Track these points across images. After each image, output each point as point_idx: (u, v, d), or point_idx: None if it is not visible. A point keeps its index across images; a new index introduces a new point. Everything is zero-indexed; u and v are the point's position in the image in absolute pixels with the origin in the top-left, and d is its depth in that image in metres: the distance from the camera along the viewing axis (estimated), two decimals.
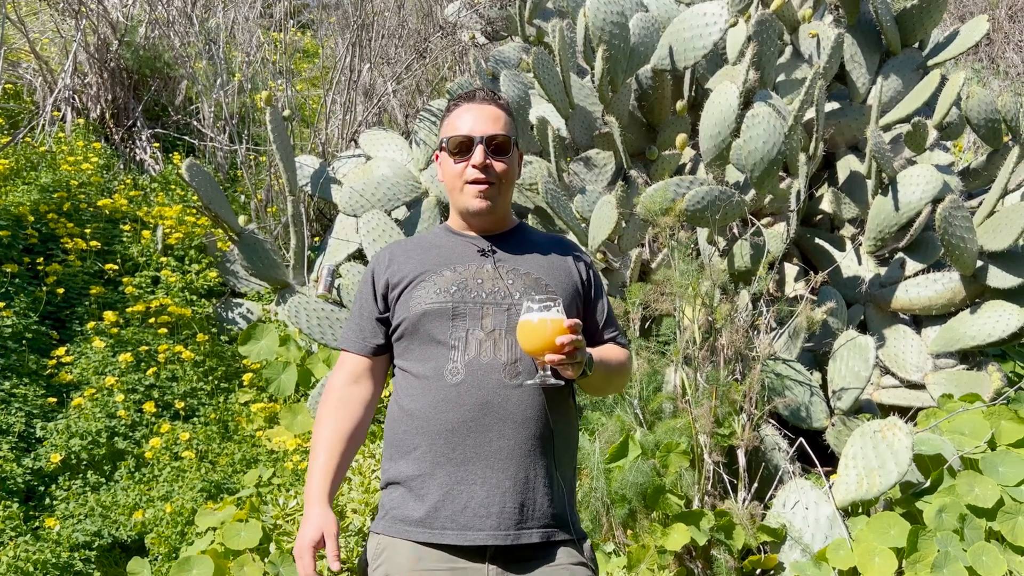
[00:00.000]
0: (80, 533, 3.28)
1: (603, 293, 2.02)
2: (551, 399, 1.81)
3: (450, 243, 1.94)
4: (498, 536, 1.72)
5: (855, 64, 5.08)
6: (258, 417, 4.20)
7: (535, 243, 1.98)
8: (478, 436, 1.75)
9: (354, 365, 1.92)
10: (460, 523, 1.73)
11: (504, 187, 1.90)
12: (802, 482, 3.49)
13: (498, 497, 1.74)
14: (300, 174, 5.19)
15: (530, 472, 1.77)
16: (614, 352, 1.97)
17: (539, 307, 1.68)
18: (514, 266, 1.89)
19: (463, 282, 1.85)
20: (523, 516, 1.75)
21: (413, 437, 1.80)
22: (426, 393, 1.80)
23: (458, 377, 1.77)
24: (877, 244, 4.62)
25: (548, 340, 1.66)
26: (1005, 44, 10.89)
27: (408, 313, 1.84)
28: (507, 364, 1.78)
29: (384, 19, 7.34)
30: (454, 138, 1.87)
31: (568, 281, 1.93)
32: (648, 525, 3.29)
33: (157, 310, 4.45)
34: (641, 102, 5.10)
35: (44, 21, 6.65)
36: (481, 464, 1.75)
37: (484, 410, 1.75)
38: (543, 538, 1.76)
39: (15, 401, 3.73)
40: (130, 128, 6.10)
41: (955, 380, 4.23)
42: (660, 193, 4.10)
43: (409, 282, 1.88)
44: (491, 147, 1.86)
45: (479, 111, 1.88)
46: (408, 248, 1.97)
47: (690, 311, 3.75)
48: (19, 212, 4.61)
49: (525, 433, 1.77)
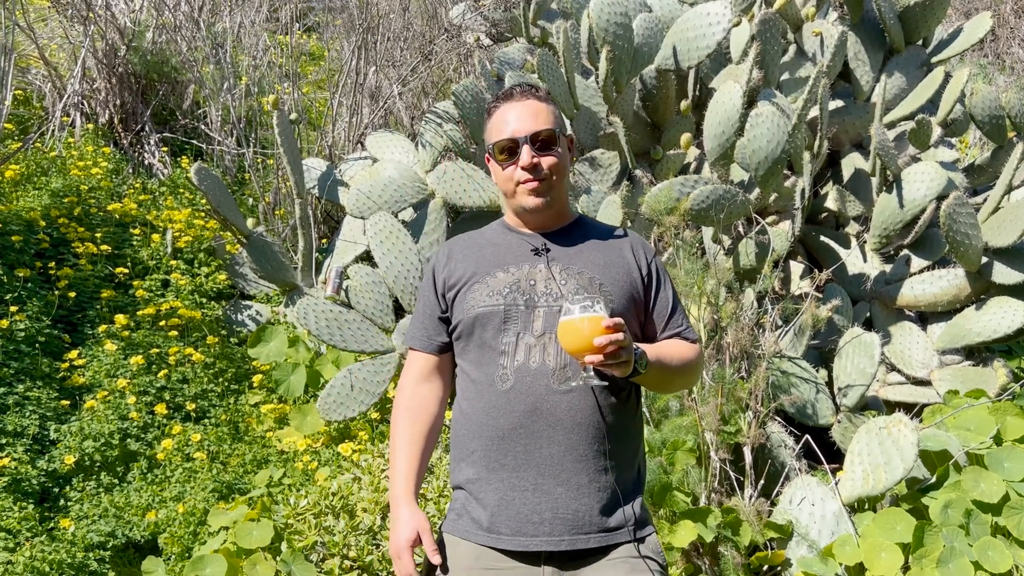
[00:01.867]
0: (94, 534, 3.32)
1: (667, 285, 1.96)
2: (605, 401, 1.79)
3: (505, 241, 1.92)
4: (551, 542, 1.74)
5: (859, 62, 5.09)
6: (268, 418, 4.23)
7: (593, 238, 1.93)
8: (528, 442, 1.76)
9: (423, 364, 1.94)
10: (514, 528, 1.75)
11: (557, 181, 1.87)
12: (808, 479, 3.51)
13: (550, 503, 1.75)
14: (307, 177, 5.23)
15: (583, 477, 1.76)
16: (677, 348, 1.90)
17: (579, 307, 1.64)
18: (568, 265, 1.86)
19: (516, 283, 1.83)
20: (577, 522, 1.75)
21: (470, 440, 1.83)
22: (480, 397, 1.81)
23: (508, 383, 1.78)
24: (882, 241, 4.64)
25: (587, 340, 1.62)
26: (1011, 40, 10.87)
27: (464, 316, 1.85)
28: (556, 369, 1.77)
29: (389, 22, 7.38)
30: (499, 143, 1.84)
31: (626, 278, 1.88)
32: (655, 522, 3.32)
33: (167, 313, 4.49)
34: (645, 102, 5.12)
35: (53, 27, 6.70)
36: (532, 471, 1.76)
37: (533, 416, 1.76)
38: (599, 543, 1.76)
39: (29, 404, 3.77)
40: (139, 132, 6.15)
41: (961, 376, 4.24)
42: (665, 192, 4.12)
43: (465, 282, 1.87)
44: (536, 144, 1.82)
45: (519, 109, 1.85)
46: (466, 245, 1.96)
47: (696, 309, 3.77)
48: (30, 217, 4.66)
49: (575, 438, 1.76)
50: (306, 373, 4.37)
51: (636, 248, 1.95)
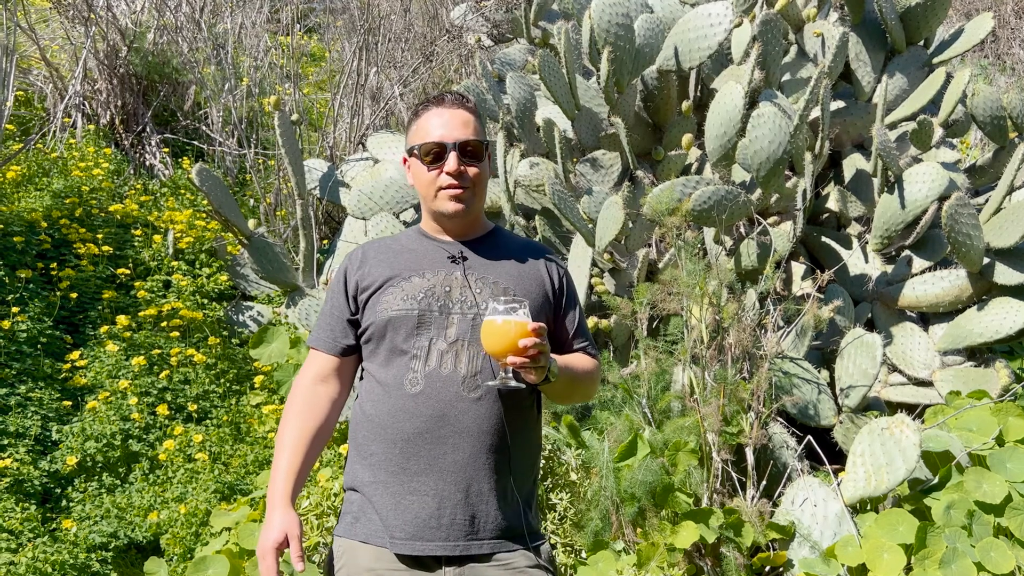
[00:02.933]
0: (96, 534, 3.32)
1: (575, 303, 2.01)
2: (510, 411, 1.81)
3: (422, 247, 1.94)
4: (447, 547, 1.75)
5: (860, 63, 5.09)
6: (270, 419, 4.23)
7: (508, 249, 1.96)
8: (432, 448, 1.77)
9: (322, 364, 1.92)
10: (410, 533, 1.75)
11: (478, 191, 1.90)
12: (810, 479, 3.51)
13: (448, 509, 1.76)
14: (309, 178, 5.23)
15: (483, 485, 1.78)
16: (582, 361, 1.96)
17: (504, 308, 1.68)
18: (483, 274, 1.89)
19: (431, 289, 1.85)
20: (473, 528, 1.77)
21: (371, 443, 1.82)
22: (386, 400, 1.81)
23: (417, 387, 1.79)
24: (883, 242, 4.64)
25: (511, 342, 1.65)
26: (1011, 40, 10.87)
27: (375, 318, 1.85)
28: (467, 377, 1.79)
29: (390, 23, 7.38)
30: (425, 145, 1.85)
31: (538, 290, 1.92)
32: (657, 523, 3.31)
33: (169, 314, 4.49)
34: (647, 103, 5.12)
35: (54, 28, 6.71)
36: (433, 476, 1.77)
37: (440, 422, 1.77)
38: (492, 549, 1.78)
39: (31, 405, 3.78)
40: (140, 133, 6.16)
41: (962, 377, 4.24)
42: (666, 193, 4.12)
43: (379, 286, 1.88)
44: (464, 153, 1.85)
45: (449, 116, 1.87)
46: (380, 250, 1.96)
47: (697, 310, 3.77)
48: (32, 218, 4.66)
49: (479, 446, 1.78)
50: None
51: (551, 264, 1.99)
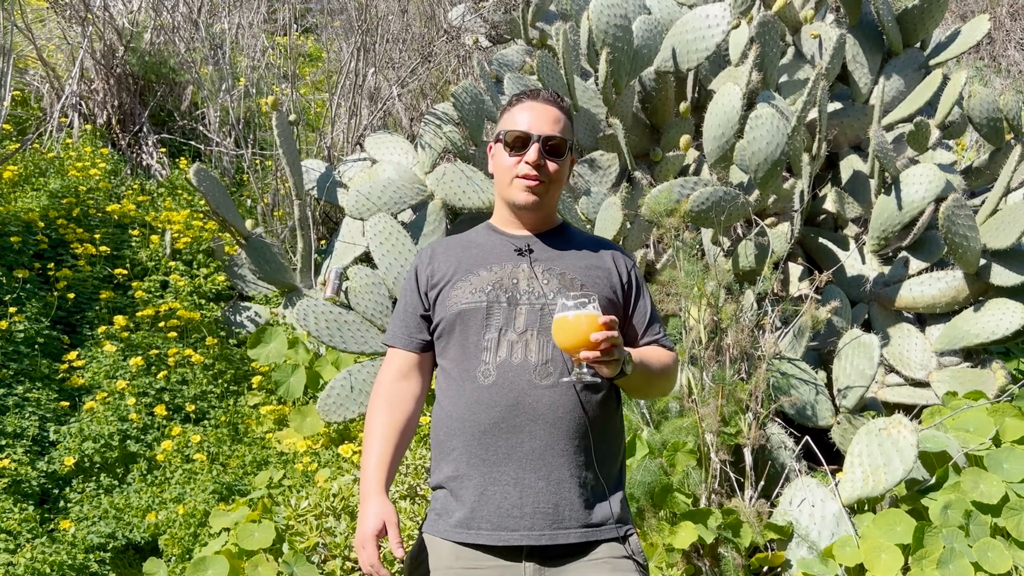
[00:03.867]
0: (95, 535, 3.32)
1: (645, 295, 2.01)
2: (587, 398, 1.81)
3: (489, 241, 1.96)
4: (532, 536, 1.75)
5: (857, 64, 5.11)
6: (268, 419, 4.23)
7: (575, 243, 1.98)
8: (510, 437, 1.77)
9: (401, 361, 1.94)
10: (494, 523, 1.75)
11: (553, 187, 1.91)
12: (808, 480, 3.52)
13: (531, 497, 1.76)
14: (306, 178, 5.23)
15: (564, 472, 1.78)
16: (657, 354, 1.95)
17: (574, 303, 1.68)
18: (550, 265, 1.90)
19: (499, 281, 1.86)
20: (558, 516, 1.76)
21: (451, 438, 1.83)
22: (461, 394, 1.82)
23: (490, 379, 1.80)
24: (881, 243, 4.65)
25: (583, 336, 1.65)
26: (1007, 42, 10.91)
27: (446, 312, 1.87)
28: (538, 365, 1.79)
29: (388, 23, 7.38)
30: (512, 132, 1.88)
31: (606, 283, 1.92)
32: (656, 523, 3.32)
33: (166, 314, 4.48)
34: (645, 104, 5.13)
35: (51, 28, 6.69)
36: (514, 465, 1.77)
37: (515, 411, 1.77)
38: (580, 538, 1.77)
39: (28, 405, 3.76)
40: (136, 133, 6.14)
41: (959, 378, 4.26)
42: (664, 194, 4.13)
43: (448, 280, 1.90)
44: (547, 147, 1.87)
45: (541, 110, 1.89)
46: (450, 245, 1.98)
47: (695, 311, 3.77)
48: (29, 218, 4.65)
49: (557, 433, 1.78)
50: (305, 374, 4.36)
51: (617, 256, 2.00)
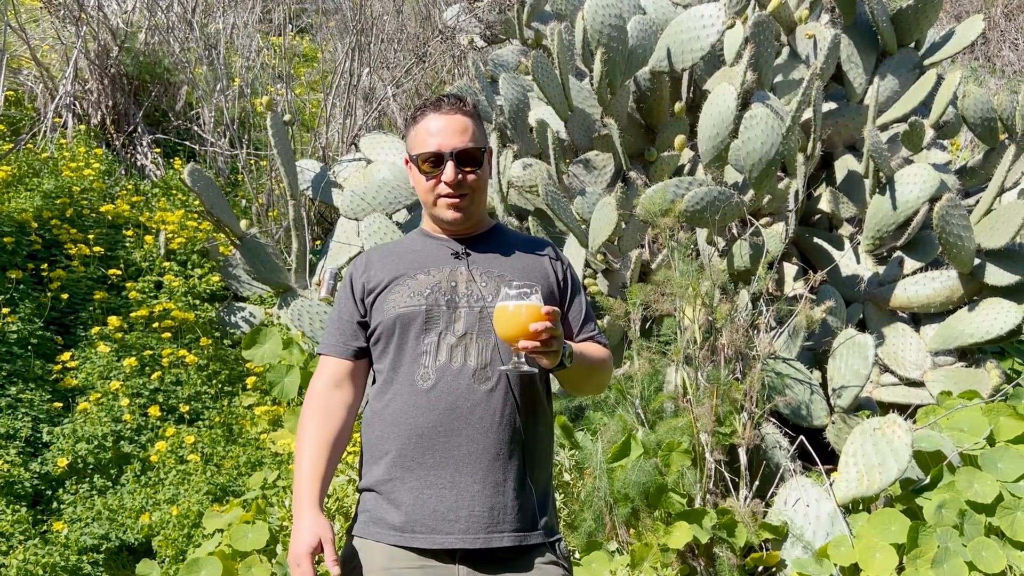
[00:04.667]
0: (88, 536, 3.31)
1: (580, 292, 2.02)
2: (523, 403, 1.82)
3: (425, 247, 1.95)
4: (467, 539, 1.74)
5: (852, 64, 5.11)
6: (262, 420, 4.22)
7: (510, 245, 1.97)
8: (447, 440, 1.77)
9: (335, 369, 1.92)
10: (429, 526, 1.75)
11: (477, 196, 1.90)
12: (803, 480, 3.52)
13: (467, 501, 1.76)
14: (301, 178, 5.22)
15: (499, 476, 1.78)
16: (594, 349, 1.96)
17: (516, 293, 1.68)
18: (488, 268, 1.89)
19: (436, 285, 1.85)
20: (492, 519, 1.76)
21: (385, 442, 1.82)
22: (398, 398, 1.82)
23: (429, 382, 1.79)
24: (875, 243, 4.65)
25: (523, 326, 1.65)
26: (1001, 42, 10.94)
27: (383, 317, 1.86)
28: (477, 369, 1.79)
29: (383, 23, 7.37)
30: (423, 154, 1.86)
31: (543, 282, 1.92)
32: (651, 524, 3.32)
33: (160, 315, 4.47)
34: (640, 104, 5.13)
35: (45, 28, 6.68)
36: (450, 468, 1.77)
37: (453, 415, 1.77)
38: (513, 542, 1.77)
39: (21, 406, 3.75)
40: (131, 134, 6.13)
41: (954, 377, 4.26)
42: (659, 194, 4.13)
43: (385, 286, 1.89)
44: (461, 161, 1.85)
45: (446, 122, 1.86)
46: (384, 253, 1.98)
47: (690, 311, 3.77)
48: (22, 218, 4.63)
49: (494, 437, 1.78)
50: (300, 375, 4.35)
51: (552, 257, 2.00)
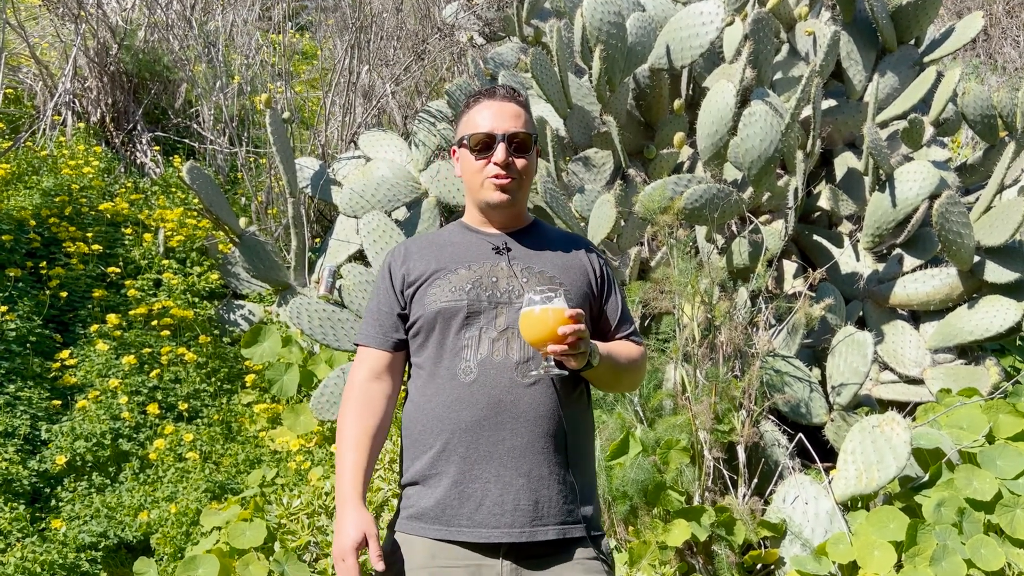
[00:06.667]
0: (86, 534, 3.31)
1: (616, 289, 2.02)
2: (564, 397, 1.82)
3: (465, 240, 1.94)
4: (512, 533, 1.74)
5: (851, 61, 5.10)
6: (261, 418, 4.22)
7: (550, 240, 1.98)
8: (491, 434, 1.76)
9: (375, 361, 1.91)
10: (475, 520, 1.74)
11: (524, 182, 1.91)
12: (802, 477, 3.52)
13: (512, 494, 1.75)
14: (300, 176, 5.22)
15: (543, 469, 1.78)
16: (625, 348, 1.96)
17: (541, 298, 1.68)
18: (528, 264, 1.90)
19: (478, 280, 1.85)
20: (537, 513, 1.76)
21: (428, 436, 1.81)
22: (440, 392, 1.81)
23: (471, 376, 1.79)
24: (875, 240, 4.65)
25: (550, 330, 1.66)
26: (1002, 39, 10.92)
27: (424, 311, 1.85)
28: (519, 363, 1.79)
29: (382, 21, 7.37)
30: (475, 135, 1.87)
31: (582, 279, 1.93)
32: (649, 521, 3.32)
33: (159, 312, 4.47)
34: (639, 101, 5.12)
35: (44, 26, 6.67)
36: (495, 462, 1.76)
37: (497, 408, 1.77)
38: (558, 535, 1.76)
39: (20, 404, 3.75)
40: (130, 131, 6.13)
41: (953, 375, 4.25)
42: (658, 191, 4.12)
43: (425, 279, 1.88)
44: (512, 144, 1.86)
45: (500, 108, 1.88)
46: (423, 244, 1.97)
47: (689, 309, 3.77)
48: (21, 216, 4.63)
49: (538, 431, 1.78)
50: (299, 373, 4.36)
51: (590, 252, 2.01)
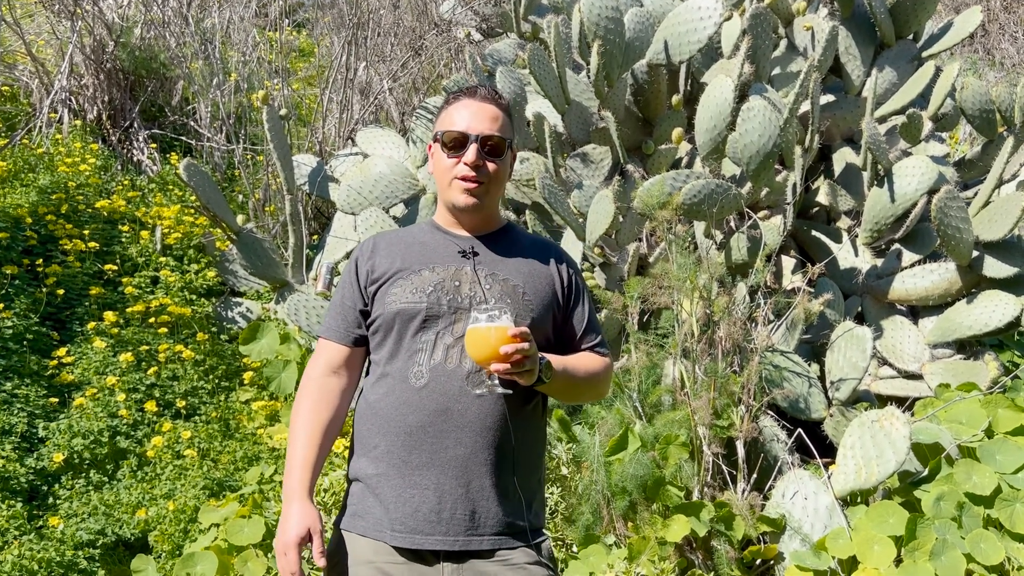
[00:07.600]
0: (84, 532, 3.30)
1: (585, 300, 1.99)
2: (514, 408, 1.80)
3: (433, 240, 1.93)
4: (446, 541, 1.74)
5: (850, 56, 5.09)
6: (259, 415, 4.21)
7: (520, 247, 1.95)
8: (435, 442, 1.76)
9: (333, 355, 1.91)
10: (410, 527, 1.74)
11: (493, 187, 1.89)
12: (801, 472, 3.51)
13: (449, 504, 1.75)
14: (297, 173, 5.21)
15: (485, 480, 1.77)
16: (587, 360, 1.94)
17: (486, 316, 1.67)
18: (493, 270, 1.88)
19: (440, 283, 1.84)
20: (474, 523, 1.76)
21: (374, 435, 1.81)
22: (391, 393, 1.80)
23: (422, 381, 1.78)
24: (873, 235, 4.64)
25: (493, 349, 1.65)
26: (1000, 34, 10.92)
27: (384, 310, 1.84)
28: (472, 372, 1.78)
29: (379, 17, 7.35)
30: (449, 133, 1.85)
31: (547, 287, 1.91)
32: (648, 517, 3.31)
33: (157, 310, 4.46)
34: (637, 97, 5.11)
35: (40, 23, 6.65)
36: (435, 470, 1.76)
37: (444, 416, 1.76)
38: (493, 545, 1.76)
39: (17, 402, 3.74)
40: (127, 129, 6.11)
41: (952, 370, 4.25)
42: (657, 187, 4.11)
43: (389, 277, 1.87)
44: (485, 147, 1.84)
45: (478, 108, 1.86)
46: (391, 241, 1.95)
47: (688, 304, 3.76)
48: (18, 214, 4.62)
49: (483, 442, 1.77)
50: (297, 370, 4.34)
51: (560, 261, 1.98)
